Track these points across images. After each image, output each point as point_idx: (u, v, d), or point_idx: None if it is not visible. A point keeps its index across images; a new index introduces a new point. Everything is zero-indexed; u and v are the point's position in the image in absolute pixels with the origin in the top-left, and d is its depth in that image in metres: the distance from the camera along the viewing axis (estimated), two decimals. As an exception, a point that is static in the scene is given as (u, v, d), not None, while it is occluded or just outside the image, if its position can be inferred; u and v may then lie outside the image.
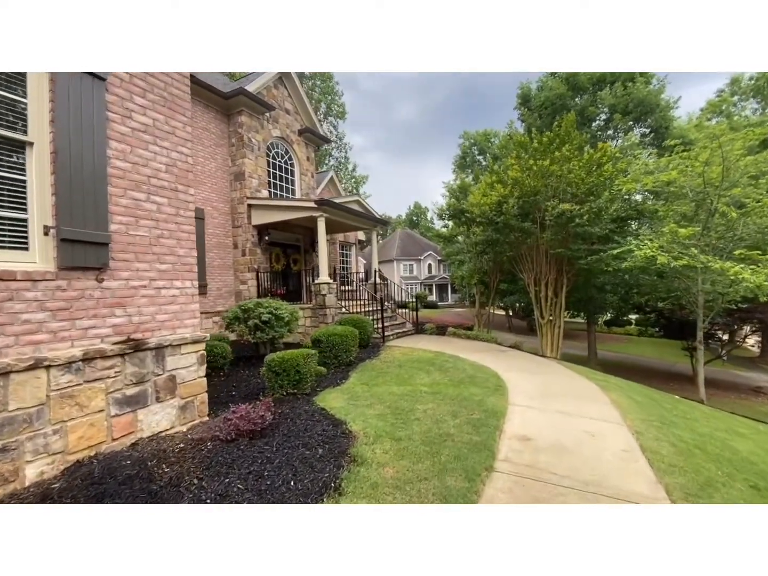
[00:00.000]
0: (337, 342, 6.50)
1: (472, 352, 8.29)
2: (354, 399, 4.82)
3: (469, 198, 10.68)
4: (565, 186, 9.18)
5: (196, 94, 9.84)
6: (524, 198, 9.28)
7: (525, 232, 9.65)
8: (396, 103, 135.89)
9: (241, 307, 6.87)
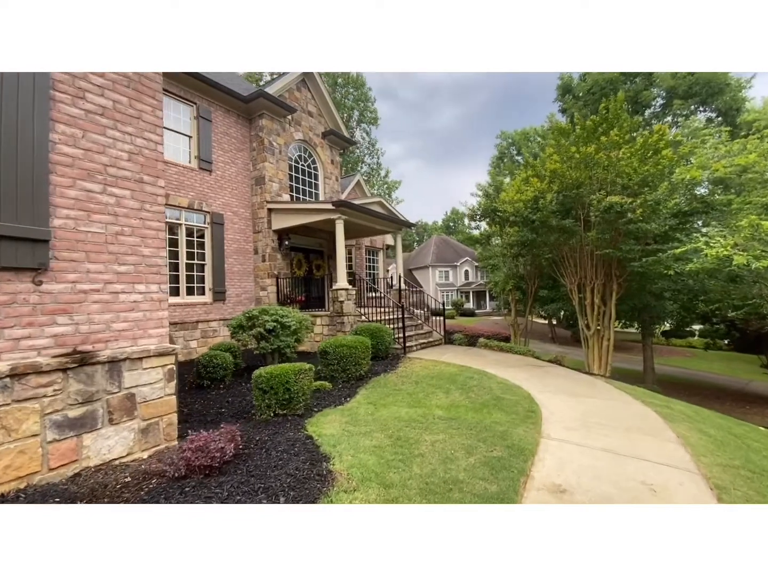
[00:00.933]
0: (346, 354, 5.84)
1: (503, 368, 7.30)
2: (353, 423, 4.11)
3: (501, 195, 9.71)
4: (613, 176, 7.97)
5: (217, 98, 9.76)
6: (564, 192, 8.18)
7: (566, 231, 8.51)
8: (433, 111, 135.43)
9: (246, 314, 6.42)
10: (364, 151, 28.60)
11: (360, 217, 9.76)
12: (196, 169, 9.33)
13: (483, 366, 7.31)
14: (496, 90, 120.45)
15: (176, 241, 8.94)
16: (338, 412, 4.55)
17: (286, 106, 10.63)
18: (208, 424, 4.16)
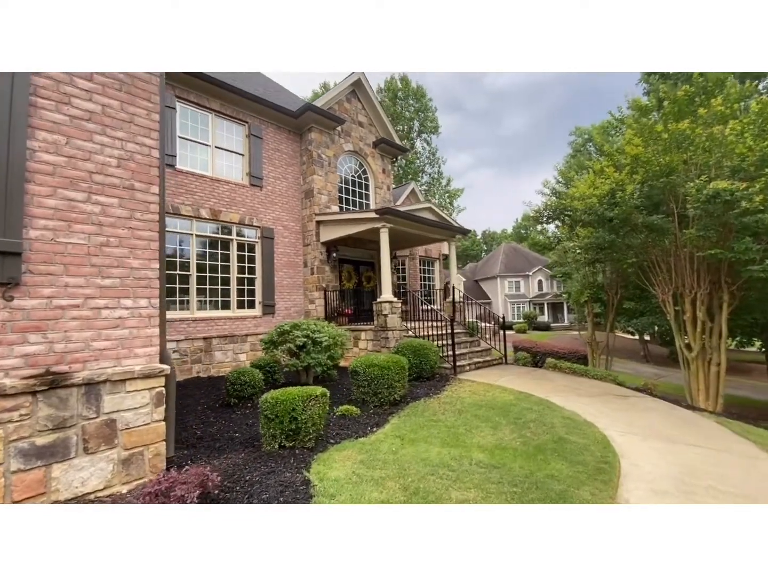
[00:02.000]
0: (377, 375, 5.19)
1: (574, 397, 6.03)
2: (368, 464, 3.43)
3: (570, 191, 8.36)
4: (718, 157, 6.30)
5: (268, 116, 9.98)
6: (650, 182, 6.66)
7: (654, 229, 6.91)
8: (503, 118, 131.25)
9: (278, 329, 6.13)
10: (424, 161, 28.12)
11: (407, 224, 9.13)
12: (247, 186, 9.55)
13: (547, 394, 6.11)
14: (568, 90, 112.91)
15: (228, 256, 9.16)
16: (357, 446, 3.90)
17: (334, 117, 10.53)
18: (215, 452, 3.79)
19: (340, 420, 4.73)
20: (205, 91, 8.78)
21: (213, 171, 9.03)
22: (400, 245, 12.27)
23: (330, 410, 5.05)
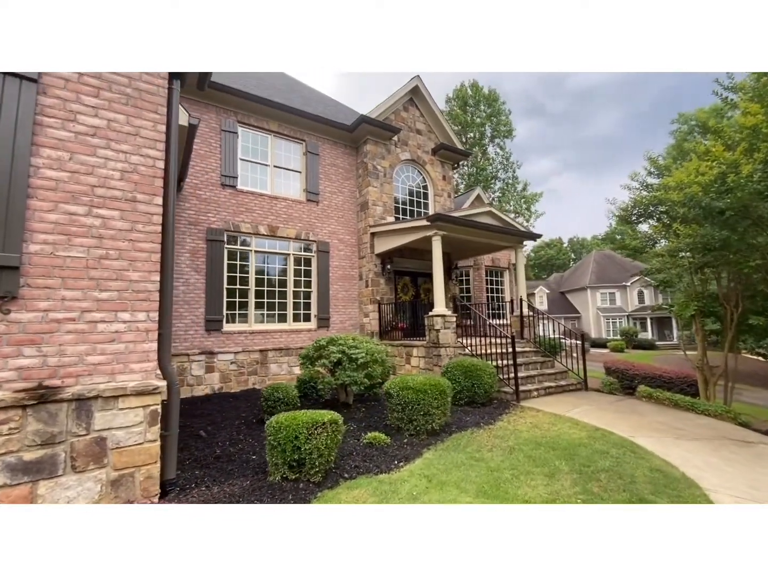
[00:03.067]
0: (411, 399, 4.57)
1: (671, 439, 4.68)
2: (374, 510, 2.85)
3: (663, 180, 6.80)
4: None
5: (324, 132, 10.15)
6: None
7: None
8: (588, 120, 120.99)
9: (316, 343, 5.88)
10: (497, 167, 26.66)
11: (463, 231, 8.38)
12: (303, 202, 9.75)
13: (634, 433, 4.84)
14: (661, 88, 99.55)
15: (285, 270, 9.36)
16: (373, 484, 3.34)
17: (390, 127, 10.31)
18: (224, 476, 3.55)
19: (365, 449, 4.22)
20: (264, 114, 9.23)
21: (272, 189, 9.38)
22: (462, 254, 11.48)
23: (358, 436, 4.59)
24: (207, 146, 8.52)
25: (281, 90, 11.00)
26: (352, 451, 4.16)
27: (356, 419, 5.41)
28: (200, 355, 7.94)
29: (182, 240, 8.01)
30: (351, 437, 4.62)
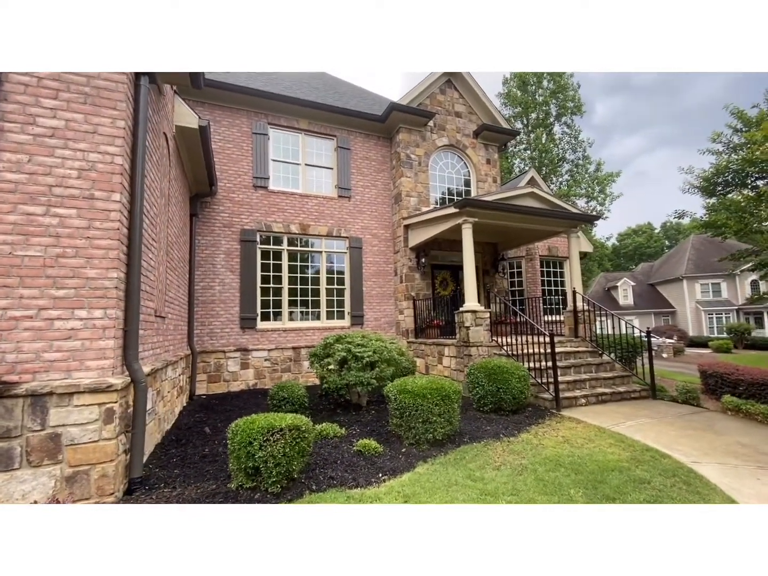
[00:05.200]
0: (408, 405, 4.08)
1: (752, 468, 3.55)
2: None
3: (747, 134, 5.26)
4: None
5: (355, 125, 9.93)
6: None
7: None
8: (684, 87, 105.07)
9: (324, 341, 5.64)
10: (564, 147, 24.11)
11: (499, 216, 7.51)
12: (335, 198, 9.63)
13: (698, 457, 3.79)
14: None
15: (317, 268, 9.33)
16: (339, 501, 2.96)
17: (422, 112, 9.73)
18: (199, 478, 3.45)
19: (353, 458, 3.84)
20: (294, 113, 9.27)
21: (303, 187, 9.41)
22: (509, 244, 10.44)
23: (353, 443, 4.23)
24: (239, 150, 8.80)
25: (317, 89, 11.02)
26: (338, 459, 3.82)
27: (362, 423, 5.06)
28: (235, 352, 8.23)
29: (217, 242, 8.36)
30: (346, 443, 4.28)
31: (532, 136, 23.91)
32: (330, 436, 4.47)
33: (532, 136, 23.91)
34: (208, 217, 8.37)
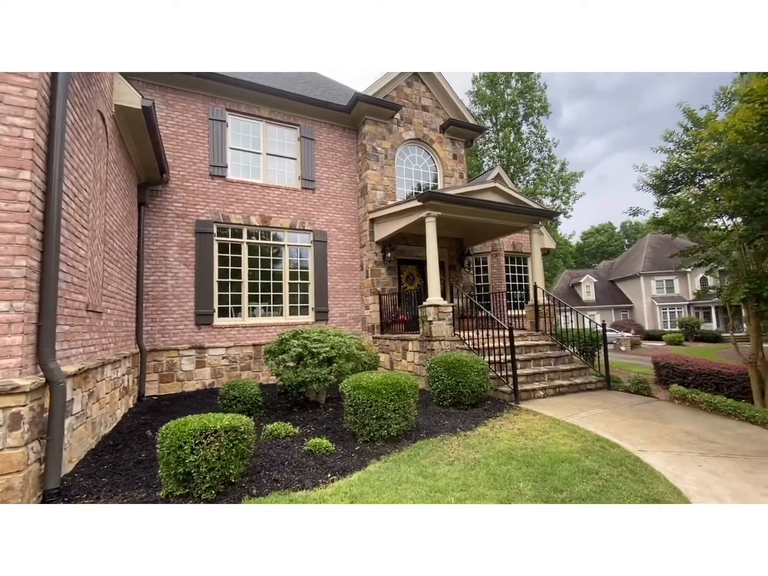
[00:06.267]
0: (362, 401, 3.93)
1: (694, 454, 3.64)
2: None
3: (695, 132, 5.46)
4: None
5: (319, 115, 9.64)
6: None
7: None
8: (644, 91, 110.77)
9: (280, 337, 5.39)
10: (531, 146, 24.68)
11: (462, 211, 7.48)
12: (298, 190, 9.31)
13: (646, 445, 3.86)
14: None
15: (280, 262, 9.00)
16: (281, 504, 2.77)
17: (388, 104, 9.57)
18: (129, 486, 3.15)
19: (302, 458, 3.66)
20: (254, 100, 8.87)
21: (264, 178, 9.03)
22: (475, 239, 10.49)
23: (302, 443, 4.04)
24: (194, 136, 8.32)
25: (281, 76, 10.60)
26: (286, 460, 3.62)
27: (318, 421, 4.87)
28: (190, 350, 7.80)
29: (170, 233, 7.88)
30: (298, 443, 4.08)
31: (501, 135, 24.30)
32: (281, 436, 4.26)
33: (501, 135, 24.30)
34: (160, 206, 7.87)
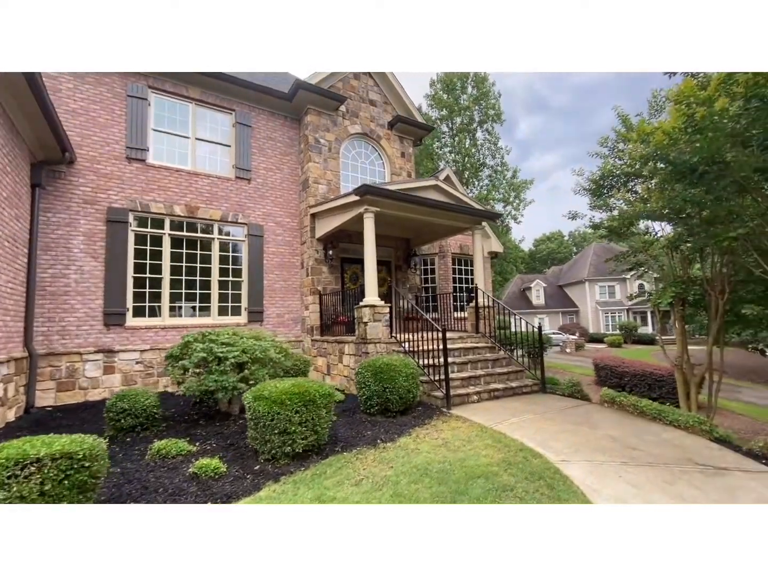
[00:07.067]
0: (264, 413, 3.42)
1: (616, 463, 3.48)
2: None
3: (622, 132, 5.51)
4: None
5: (258, 101, 8.99)
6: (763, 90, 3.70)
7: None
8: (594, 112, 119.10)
9: (183, 340, 4.74)
10: (485, 152, 25.21)
11: (402, 208, 7.17)
12: (232, 179, 8.59)
13: (570, 454, 3.66)
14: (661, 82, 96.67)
15: (209, 257, 8.22)
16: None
17: (331, 94, 9.10)
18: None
19: (183, 483, 3.09)
20: (182, 79, 8.06)
21: (193, 164, 8.23)
22: (421, 239, 10.27)
23: (192, 463, 3.45)
24: (108, 114, 7.38)
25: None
26: (162, 486, 3.03)
27: (224, 435, 4.28)
28: (96, 353, 6.86)
29: (75, 221, 6.90)
30: (187, 463, 3.49)
31: (456, 140, 24.61)
32: (171, 455, 3.65)
33: (456, 140, 24.61)
34: (63, 190, 6.87)
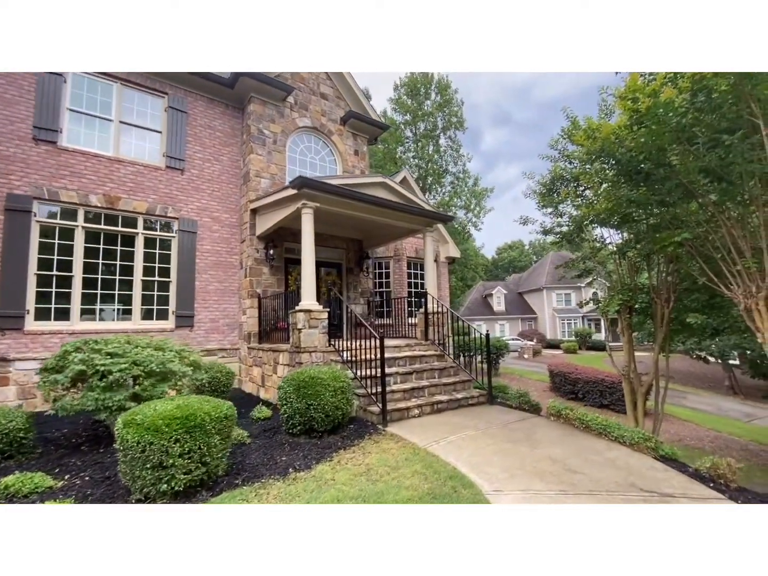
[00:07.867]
0: (133, 444, 2.73)
1: (553, 493, 3.08)
2: None
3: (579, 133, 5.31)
4: None
5: (194, 86, 8.18)
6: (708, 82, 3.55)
7: (717, 174, 3.73)
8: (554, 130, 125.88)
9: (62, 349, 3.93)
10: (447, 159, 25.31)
11: (344, 205, 6.63)
12: (161, 168, 7.72)
13: (503, 482, 3.23)
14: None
15: (131, 254, 7.29)
16: None
17: (278, 83, 8.46)
18: None
19: (6, 540, 2.34)
20: (103, 53, 7.15)
21: (116, 150, 7.31)
22: (374, 241, 9.78)
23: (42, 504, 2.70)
24: (16, 89, 6.39)
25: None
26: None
27: (103, 466, 3.52)
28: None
29: (-41, 208, 5.84)
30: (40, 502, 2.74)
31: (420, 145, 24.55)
32: (22, 494, 2.88)
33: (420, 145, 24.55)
34: (-55, 171, 5.81)
